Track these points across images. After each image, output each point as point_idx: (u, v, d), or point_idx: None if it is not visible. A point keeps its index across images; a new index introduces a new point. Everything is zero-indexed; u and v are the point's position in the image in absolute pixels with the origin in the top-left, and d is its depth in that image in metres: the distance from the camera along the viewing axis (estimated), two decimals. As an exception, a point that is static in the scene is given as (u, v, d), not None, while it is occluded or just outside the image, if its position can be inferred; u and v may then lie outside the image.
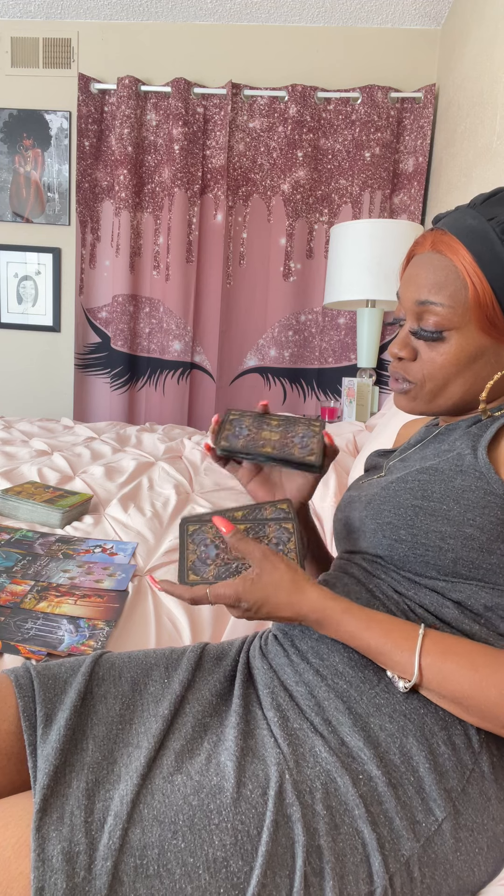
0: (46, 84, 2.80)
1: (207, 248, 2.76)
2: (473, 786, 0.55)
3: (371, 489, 0.73)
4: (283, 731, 0.59)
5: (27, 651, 0.84)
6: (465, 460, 0.64)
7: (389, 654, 0.57)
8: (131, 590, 1.04)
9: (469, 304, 0.65)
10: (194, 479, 1.67)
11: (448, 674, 0.55)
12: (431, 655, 0.56)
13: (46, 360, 3.02)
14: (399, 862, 0.51)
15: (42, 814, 0.51)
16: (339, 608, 0.60)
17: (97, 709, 0.63)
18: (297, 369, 2.85)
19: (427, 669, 0.55)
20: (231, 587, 0.60)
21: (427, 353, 0.68)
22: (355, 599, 0.66)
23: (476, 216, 0.65)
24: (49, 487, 1.42)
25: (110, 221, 2.83)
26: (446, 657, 0.55)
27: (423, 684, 0.56)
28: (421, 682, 0.56)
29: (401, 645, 0.57)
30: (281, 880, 0.48)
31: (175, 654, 0.72)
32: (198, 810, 0.51)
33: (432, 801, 0.54)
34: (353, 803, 0.52)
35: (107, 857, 0.48)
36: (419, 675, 0.56)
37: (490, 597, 0.61)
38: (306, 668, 0.64)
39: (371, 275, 2.17)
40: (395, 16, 2.54)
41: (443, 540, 0.61)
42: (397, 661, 0.57)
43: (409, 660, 0.56)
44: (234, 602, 0.61)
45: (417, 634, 0.57)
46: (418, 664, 0.56)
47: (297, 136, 2.61)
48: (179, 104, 2.61)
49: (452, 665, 0.55)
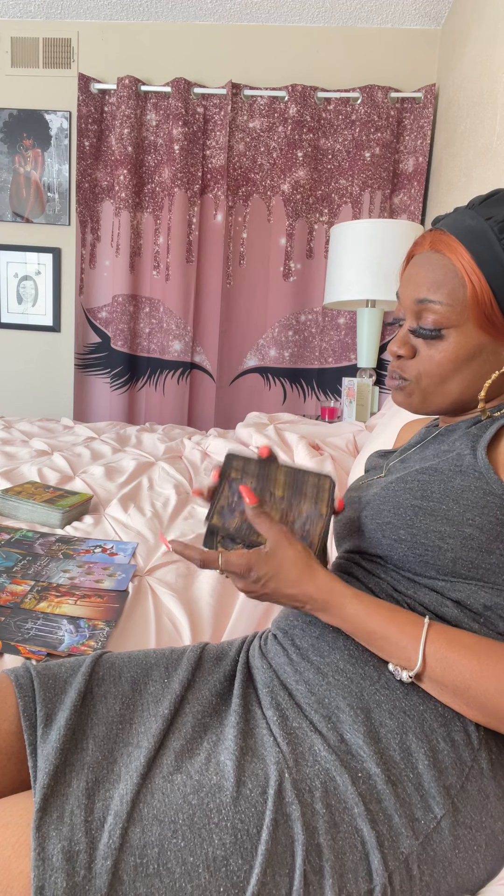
0: (46, 84, 2.80)
1: (207, 248, 2.76)
2: (472, 783, 0.55)
3: (371, 489, 0.73)
4: (282, 730, 0.59)
5: (27, 651, 0.84)
6: (464, 460, 0.64)
7: (394, 639, 0.57)
8: (131, 590, 1.04)
9: (467, 303, 0.65)
10: (194, 479, 1.67)
11: (451, 662, 0.55)
12: (436, 643, 0.56)
13: (46, 360, 3.03)
14: (398, 859, 0.51)
15: (42, 813, 0.51)
16: (346, 591, 0.61)
17: (97, 708, 0.63)
18: (297, 369, 2.85)
19: (431, 657, 0.56)
20: (243, 556, 0.61)
21: (426, 351, 0.69)
22: None
23: (474, 216, 0.66)
24: (49, 487, 1.42)
25: (110, 221, 2.83)
26: (450, 646, 0.56)
27: (426, 673, 0.56)
28: (423, 670, 0.56)
29: (406, 631, 0.57)
30: (281, 879, 0.48)
31: (175, 654, 0.72)
32: (197, 809, 0.51)
33: (431, 799, 0.54)
34: (353, 801, 0.53)
35: (107, 856, 0.48)
36: (423, 664, 0.56)
37: (489, 596, 0.61)
38: (306, 667, 0.64)
39: (371, 275, 2.17)
40: (395, 16, 2.55)
41: (442, 540, 0.61)
42: (402, 647, 0.57)
43: (413, 646, 0.57)
44: (244, 571, 0.61)
45: (423, 623, 0.58)
46: (423, 651, 0.56)
47: (297, 136, 2.61)
48: (179, 104, 2.61)
49: (456, 654, 0.55)
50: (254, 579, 0.61)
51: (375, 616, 0.59)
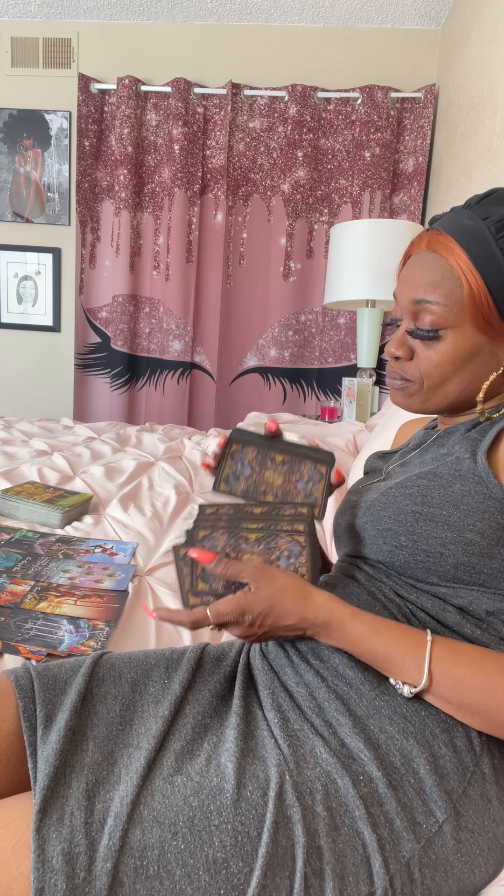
0: (46, 84, 2.79)
1: (207, 248, 2.76)
2: (474, 788, 0.55)
3: (371, 494, 0.73)
4: (283, 732, 0.59)
5: (27, 651, 0.84)
6: (464, 465, 0.64)
7: (398, 660, 0.57)
8: (131, 590, 1.04)
9: (464, 303, 0.65)
10: (194, 479, 1.67)
11: (457, 680, 0.55)
12: (441, 662, 0.56)
13: (46, 360, 3.02)
14: (399, 863, 0.51)
15: (42, 815, 0.51)
16: (346, 612, 0.60)
17: (97, 709, 0.63)
18: (297, 369, 2.85)
19: (437, 676, 0.55)
20: (232, 601, 0.60)
21: (424, 351, 0.68)
22: (356, 601, 0.66)
23: (471, 216, 0.66)
24: (49, 487, 1.42)
25: (110, 221, 2.83)
26: (456, 664, 0.55)
27: (432, 691, 0.56)
28: (429, 688, 0.56)
29: (410, 652, 0.57)
30: (281, 881, 0.48)
31: (175, 655, 0.72)
32: (198, 811, 0.51)
33: (433, 803, 0.54)
34: (354, 804, 0.52)
35: (107, 858, 0.48)
36: (428, 682, 0.55)
37: (491, 602, 0.61)
38: (307, 670, 0.64)
39: (371, 275, 2.17)
40: (395, 16, 2.54)
41: (443, 546, 0.61)
42: (406, 668, 0.56)
43: (417, 666, 0.56)
44: (237, 616, 0.60)
45: (426, 641, 0.57)
46: (428, 671, 0.55)
47: (297, 136, 2.61)
48: (179, 104, 2.61)
49: (462, 671, 0.55)
50: (249, 623, 0.60)
51: (378, 637, 0.58)
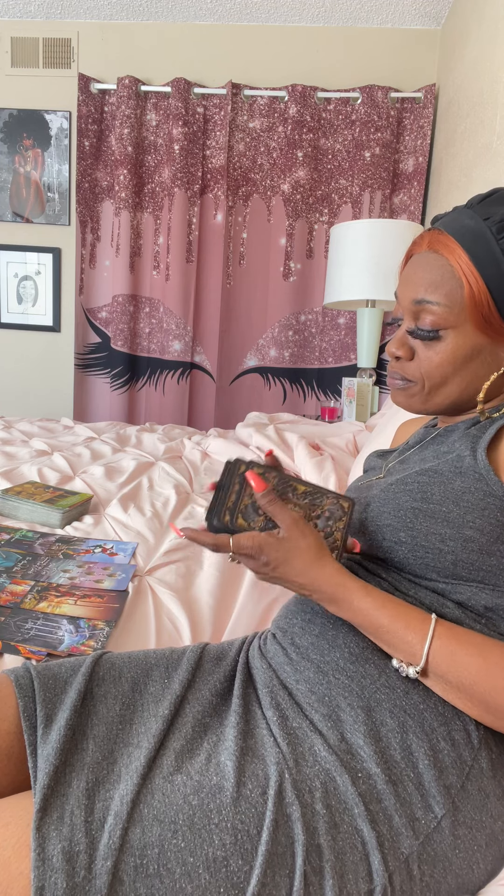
0: (46, 84, 2.80)
1: (207, 248, 2.76)
2: (472, 782, 0.55)
3: (370, 491, 0.73)
4: (282, 731, 0.59)
5: (27, 651, 0.84)
6: (464, 462, 0.64)
7: (401, 633, 0.58)
8: (131, 590, 1.04)
9: (465, 303, 0.65)
10: (194, 479, 1.67)
11: (457, 659, 0.55)
12: (442, 640, 0.56)
13: (46, 360, 3.03)
14: (398, 860, 0.51)
15: (42, 813, 0.51)
16: (356, 584, 0.61)
17: (97, 709, 0.63)
18: (297, 369, 2.85)
19: (437, 652, 0.56)
20: (256, 538, 0.61)
21: (424, 352, 0.69)
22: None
23: (472, 216, 0.66)
24: (49, 487, 1.42)
25: (110, 221, 2.83)
26: (457, 643, 0.56)
27: (431, 668, 0.57)
28: (428, 665, 0.56)
29: (413, 626, 0.58)
30: (281, 879, 0.48)
31: (175, 655, 0.72)
32: (198, 810, 0.51)
33: (431, 798, 0.54)
34: (353, 802, 0.53)
35: (107, 856, 0.48)
36: (428, 658, 0.56)
37: (490, 598, 0.61)
38: (307, 666, 0.64)
39: (371, 275, 2.17)
40: (395, 16, 2.55)
41: (442, 542, 0.61)
42: (408, 642, 0.57)
43: (419, 642, 0.57)
44: (254, 553, 0.61)
45: (430, 619, 0.58)
46: (429, 646, 0.56)
47: (297, 136, 2.61)
48: (179, 104, 2.61)
49: (462, 651, 0.56)
50: (263, 562, 0.61)
51: (383, 610, 0.59)
